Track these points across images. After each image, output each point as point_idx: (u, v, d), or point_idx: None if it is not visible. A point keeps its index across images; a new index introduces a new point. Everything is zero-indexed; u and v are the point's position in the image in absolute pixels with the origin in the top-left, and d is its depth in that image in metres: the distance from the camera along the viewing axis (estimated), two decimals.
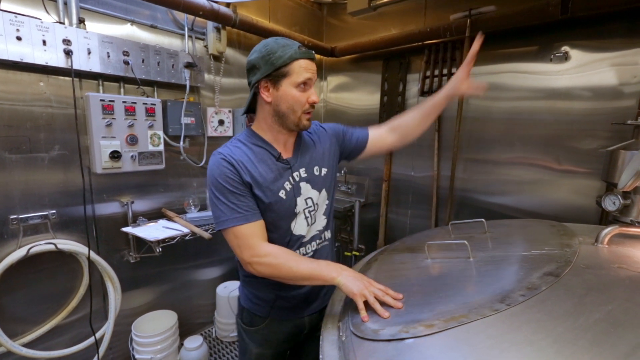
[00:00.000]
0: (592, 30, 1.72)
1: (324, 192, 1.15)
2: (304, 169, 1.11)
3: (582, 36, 1.75)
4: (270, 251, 0.98)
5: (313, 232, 1.15)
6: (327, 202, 1.18)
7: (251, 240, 0.98)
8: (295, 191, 1.08)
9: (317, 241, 1.17)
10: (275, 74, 0.98)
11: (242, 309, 1.22)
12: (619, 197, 1.31)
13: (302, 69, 0.98)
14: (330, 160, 1.18)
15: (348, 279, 0.90)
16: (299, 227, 1.10)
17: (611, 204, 1.33)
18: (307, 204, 1.11)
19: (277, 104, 1.01)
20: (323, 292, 1.21)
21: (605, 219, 1.72)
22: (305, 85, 1.00)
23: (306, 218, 1.11)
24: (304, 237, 1.12)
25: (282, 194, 1.05)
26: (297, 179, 1.09)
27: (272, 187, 1.03)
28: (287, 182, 1.06)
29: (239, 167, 1.00)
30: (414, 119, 1.25)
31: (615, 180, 1.33)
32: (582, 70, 1.77)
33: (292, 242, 1.10)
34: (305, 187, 1.10)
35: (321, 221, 1.17)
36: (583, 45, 1.76)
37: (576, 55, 1.78)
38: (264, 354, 1.21)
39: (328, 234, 1.22)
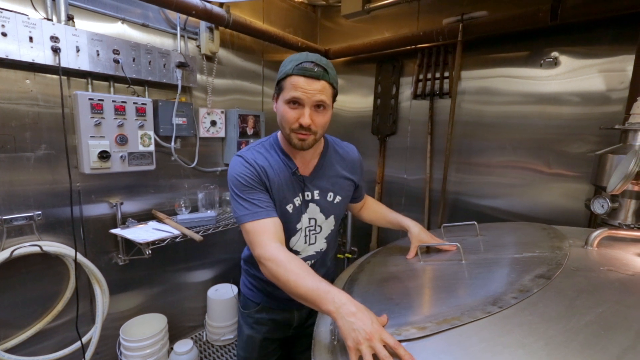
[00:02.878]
0: (581, 36, 1.75)
1: (331, 218, 1.17)
2: (318, 191, 1.12)
3: (571, 42, 1.78)
4: (274, 256, 0.89)
5: (310, 252, 1.17)
6: (332, 228, 1.19)
7: (259, 238, 0.94)
8: (303, 208, 1.11)
9: (311, 261, 1.19)
10: (278, 86, 1.00)
11: (240, 294, 1.34)
12: (608, 200, 1.32)
13: (292, 86, 0.94)
14: (346, 192, 1.20)
15: (345, 323, 0.69)
16: (297, 243, 1.13)
17: (600, 207, 1.35)
18: (309, 223, 1.13)
19: (277, 114, 1.04)
20: None
21: (594, 221, 1.75)
22: (296, 103, 0.95)
23: (305, 236, 1.14)
24: (299, 253, 1.15)
25: (289, 207, 1.08)
26: (307, 198, 1.11)
27: (282, 199, 1.06)
28: (297, 198, 1.09)
29: (260, 170, 1.03)
30: (376, 216, 1.38)
31: (604, 183, 1.35)
32: (571, 76, 1.80)
33: None
34: (313, 208, 1.12)
35: (321, 244, 1.18)
36: (572, 51, 1.79)
37: (565, 60, 1.81)
38: (253, 337, 1.29)
39: (328, 260, 1.26)
